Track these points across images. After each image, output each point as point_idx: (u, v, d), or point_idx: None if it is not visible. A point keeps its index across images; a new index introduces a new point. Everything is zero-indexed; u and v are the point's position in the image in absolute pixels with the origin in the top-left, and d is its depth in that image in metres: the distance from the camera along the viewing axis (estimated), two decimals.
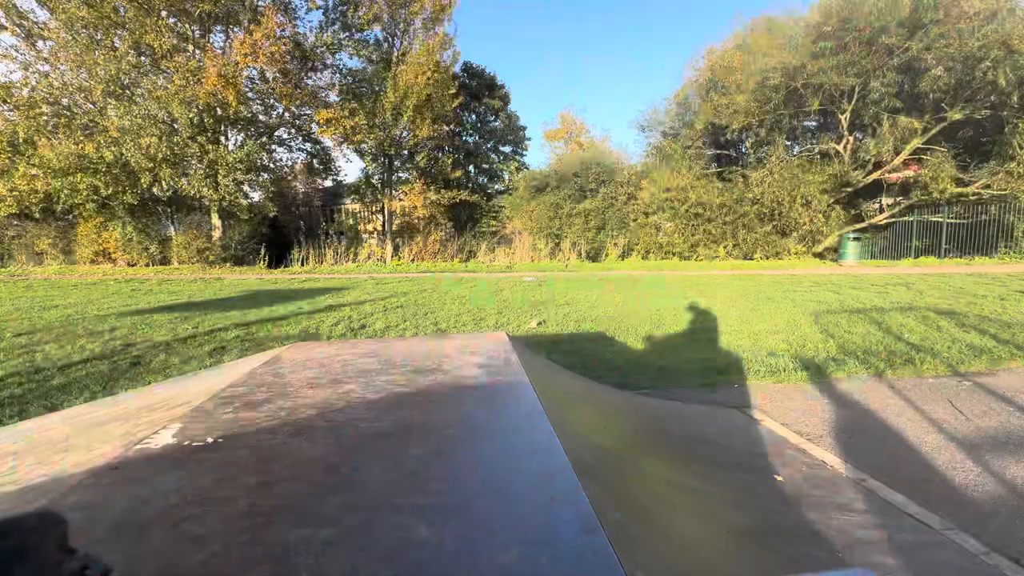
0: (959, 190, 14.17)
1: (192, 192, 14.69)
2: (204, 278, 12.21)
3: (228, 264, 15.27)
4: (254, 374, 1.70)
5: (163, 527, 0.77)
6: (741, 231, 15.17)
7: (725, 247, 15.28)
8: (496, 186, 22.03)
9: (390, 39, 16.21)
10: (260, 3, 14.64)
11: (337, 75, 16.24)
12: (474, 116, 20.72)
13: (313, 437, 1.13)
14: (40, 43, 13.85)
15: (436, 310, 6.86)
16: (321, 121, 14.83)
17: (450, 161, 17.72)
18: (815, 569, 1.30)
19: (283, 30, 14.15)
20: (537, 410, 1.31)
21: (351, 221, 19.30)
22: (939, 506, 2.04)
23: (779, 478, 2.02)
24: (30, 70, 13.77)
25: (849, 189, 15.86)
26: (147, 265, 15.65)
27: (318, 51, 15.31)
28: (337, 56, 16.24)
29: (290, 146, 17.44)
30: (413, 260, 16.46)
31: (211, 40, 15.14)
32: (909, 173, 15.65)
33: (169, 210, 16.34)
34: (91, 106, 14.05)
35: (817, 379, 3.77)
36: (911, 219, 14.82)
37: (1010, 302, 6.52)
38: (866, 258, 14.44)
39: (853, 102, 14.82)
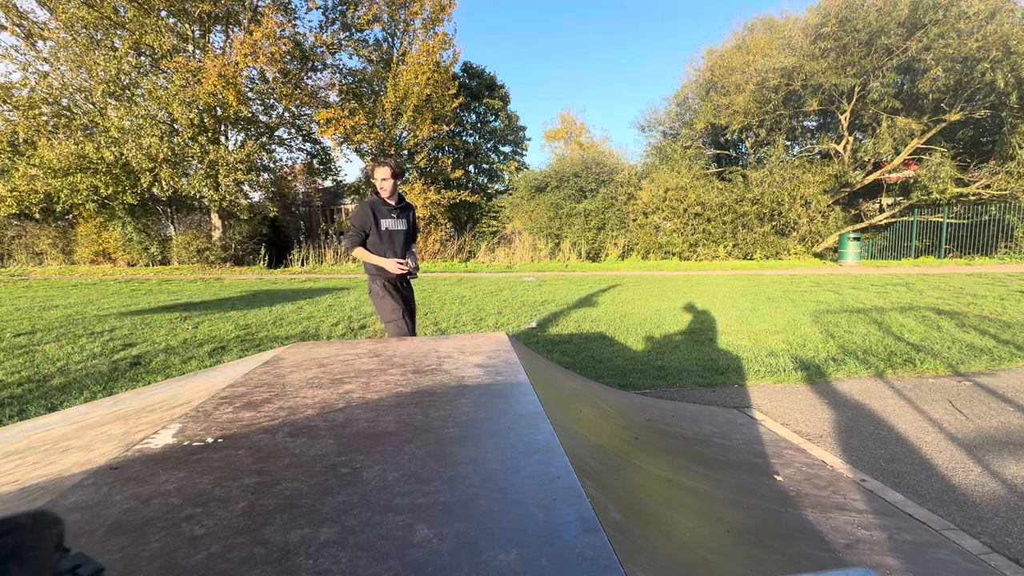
0: (959, 190, 14.17)
1: (192, 192, 14.69)
2: (204, 278, 12.21)
3: (228, 264, 15.27)
4: (254, 374, 1.70)
5: (163, 527, 0.77)
6: (741, 231, 15.17)
7: (725, 247, 15.28)
8: (496, 186, 22.01)
9: (390, 39, 16.22)
10: (260, 3, 14.64)
11: (337, 75, 16.24)
12: (474, 116, 20.71)
13: (313, 437, 1.13)
14: (40, 43, 13.84)
15: (436, 310, 6.86)
16: (321, 121, 14.82)
17: (450, 161, 17.70)
18: (815, 569, 1.30)
19: (283, 30, 14.15)
20: (537, 410, 1.31)
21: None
22: (939, 506, 2.04)
23: (779, 478, 2.02)
24: (30, 70, 13.77)
25: (849, 189, 15.87)
26: (147, 265, 15.65)
27: (318, 51, 15.30)
28: (337, 56, 16.23)
29: (290, 146, 17.43)
30: None
31: (211, 40, 15.15)
32: (909, 173, 15.66)
33: (169, 210, 16.34)
34: (91, 106, 14.04)
35: (817, 379, 3.78)
36: (911, 219, 14.82)
37: (1010, 302, 6.52)
38: (866, 258, 14.43)
39: (853, 102, 14.83)
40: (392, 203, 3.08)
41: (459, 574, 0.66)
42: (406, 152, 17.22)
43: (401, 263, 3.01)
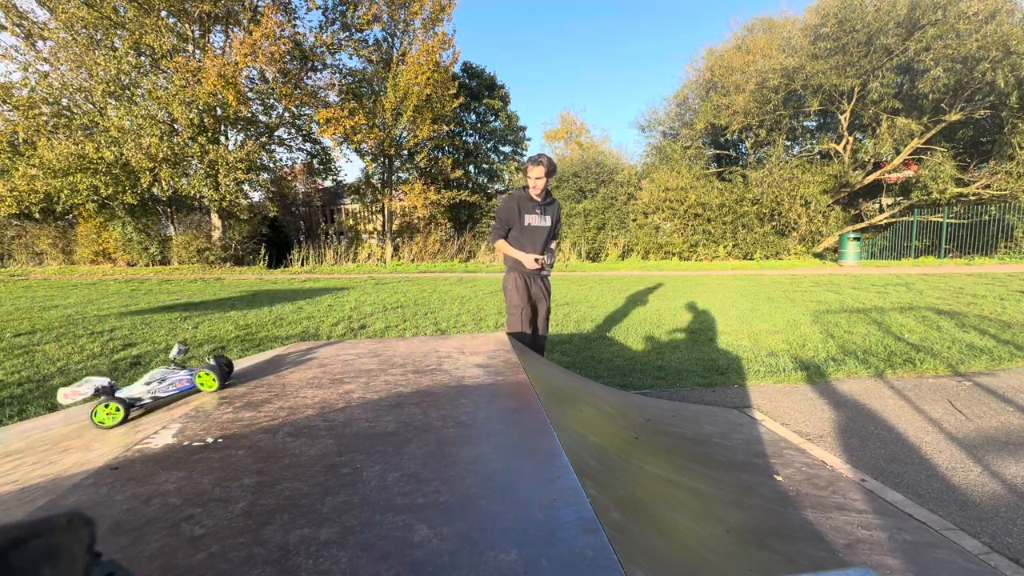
0: (959, 190, 14.17)
1: (192, 192, 14.69)
2: (204, 278, 12.21)
3: (228, 264, 15.27)
4: (254, 374, 1.70)
5: (163, 527, 0.77)
6: (741, 231, 15.18)
7: (725, 247, 15.28)
8: (496, 186, 22.00)
9: (390, 39, 16.21)
10: (260, 3, 14.64)
11: (337, 75, 16.24)
12: (474, 116, 20.69)
13: (313, 437, 1.13)
14: (40, 43, 13.84)
15: (436, 310, 6.86)
16: (321, 121, 14.82)
17: (450, 161, 17.69)
18: (815, 569, 1.30)
19: (283, 30, 14.15)
20: (537, 410, 1.31)
21: (351, 221, 19.28)
22: (939, 506, 2.04)
23: (779, 478, 2.02)
24: (30, 70, 13.77)
25: (849, 189, 15.87)
26: (147, 265, 15.65)
27: (318, 51, 15.30)
28: (337, 56, 16.23)
29: (290, 146, 17.43)
30: (413, 260, 16.46)
31: (211, 40, 15.15)
32: (909, 173, 15.66)
33: (169, 210, 16.34)
34: (91, 106, 14.05)
35: (817, 379, 3.77)
36: (911, 219, 14.83)
37: (1010, 302, 6.52)
38: (866, 258, 14.43)
39: (852, 102, 14.83)
40: (538, 200, 3.17)
41: (459, 574, 0.66)
42: (406, 152, 17.21)
43: (537, 258, 3.12)
